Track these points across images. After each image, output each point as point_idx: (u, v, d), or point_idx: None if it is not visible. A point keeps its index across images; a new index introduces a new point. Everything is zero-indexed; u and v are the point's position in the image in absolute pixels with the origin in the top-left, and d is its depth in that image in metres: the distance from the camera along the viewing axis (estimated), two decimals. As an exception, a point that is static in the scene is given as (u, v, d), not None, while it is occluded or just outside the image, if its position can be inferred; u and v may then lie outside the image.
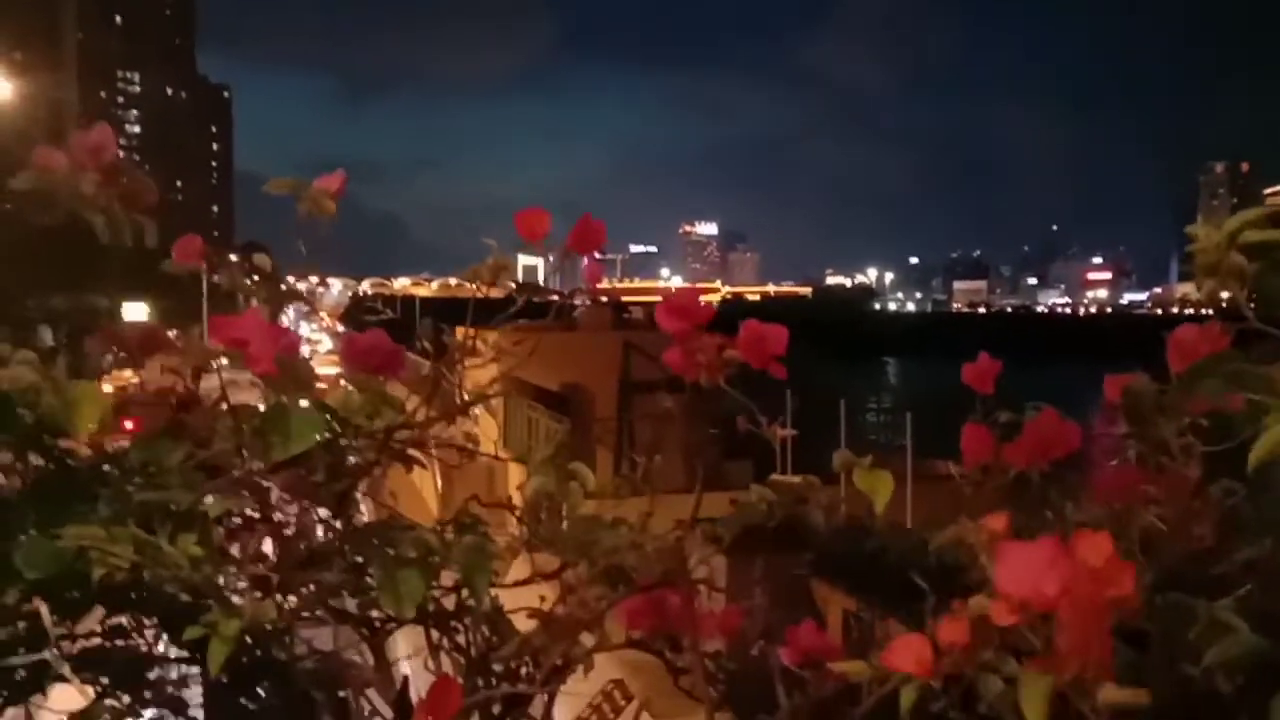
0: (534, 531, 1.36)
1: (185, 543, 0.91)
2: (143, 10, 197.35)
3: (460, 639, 1.17)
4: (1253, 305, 0.78)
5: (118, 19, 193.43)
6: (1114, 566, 0.69)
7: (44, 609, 0.86)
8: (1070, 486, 1.14)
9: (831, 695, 1.04)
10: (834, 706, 1.02)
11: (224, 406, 1.05)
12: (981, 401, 1.34)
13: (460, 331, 1.39)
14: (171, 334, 1.36)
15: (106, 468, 1.09)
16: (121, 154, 1.22)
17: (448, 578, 1.17)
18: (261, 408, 1.01)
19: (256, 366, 0.88)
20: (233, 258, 1.28)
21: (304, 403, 0.93)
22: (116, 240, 1.03)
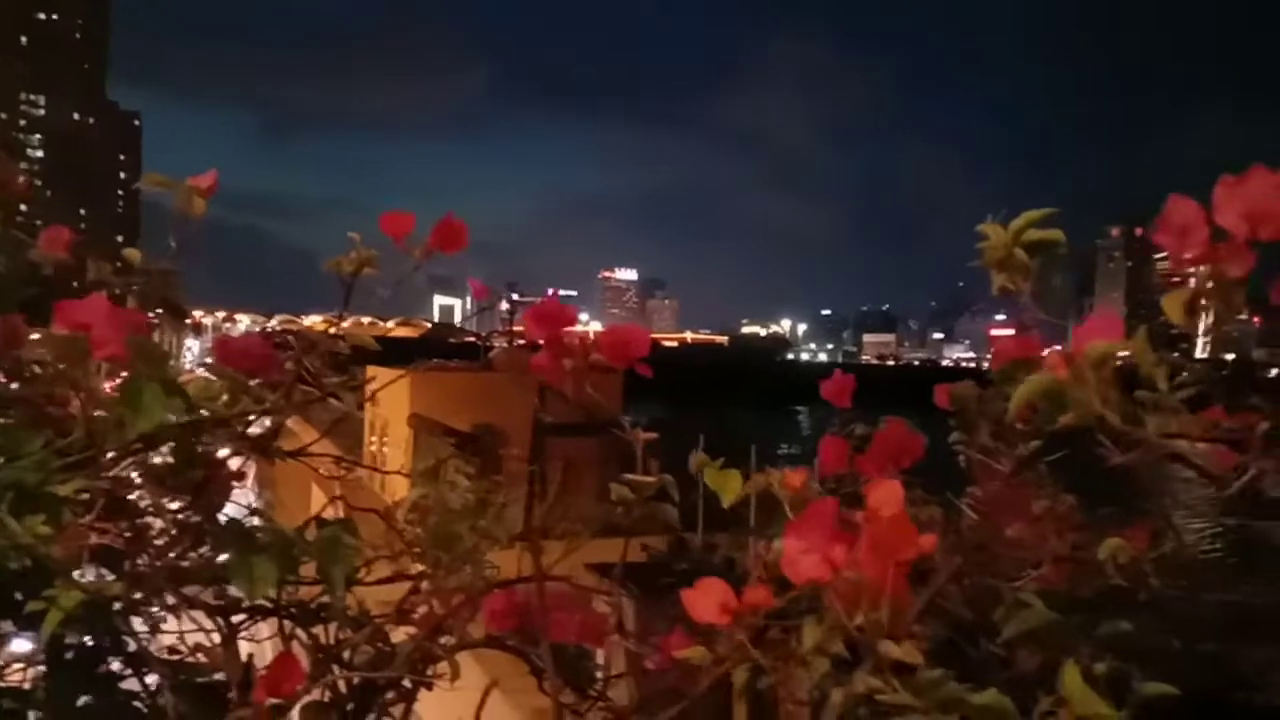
0: (401, 534, 1.39)
1: (33, 522, 0.91)
2: (51, 32, 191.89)
3: (318, 632, 1.18)
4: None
5: (23, 40, 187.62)
6: (904, 517, 0.75)
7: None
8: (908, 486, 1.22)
9: (676, 681, 1.08)
10: (677, 691, 1.06)
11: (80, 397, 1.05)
12: (839, 415, 1.42)
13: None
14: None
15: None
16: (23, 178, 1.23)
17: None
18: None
19: (101, 350, 0.88)
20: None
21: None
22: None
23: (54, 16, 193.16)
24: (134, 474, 1.13)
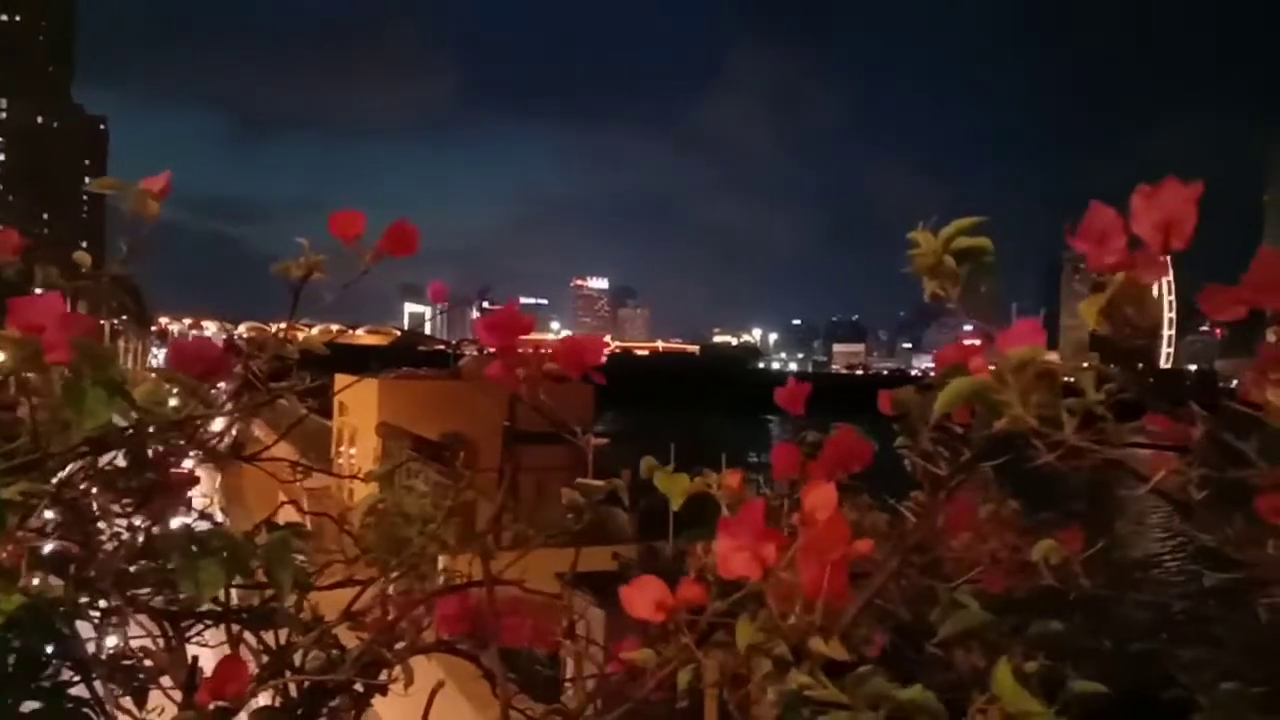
0: (359, 539, 1.39)
1: (-25, 527, 0.91)
2: (14, 34, 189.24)
3: (268, 637, 1.18)
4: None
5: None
6: (838, 518, 0.77)
7: None
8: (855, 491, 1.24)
9: (622, 681, 1.09)
10: (624, 691, 1.07)
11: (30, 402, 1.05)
12: (792, 422, 1.44)
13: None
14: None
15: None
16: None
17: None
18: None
19: (52, 353, 0.88)
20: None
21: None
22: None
23: (17, 18, 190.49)
24: (82, 478, 1.13)
